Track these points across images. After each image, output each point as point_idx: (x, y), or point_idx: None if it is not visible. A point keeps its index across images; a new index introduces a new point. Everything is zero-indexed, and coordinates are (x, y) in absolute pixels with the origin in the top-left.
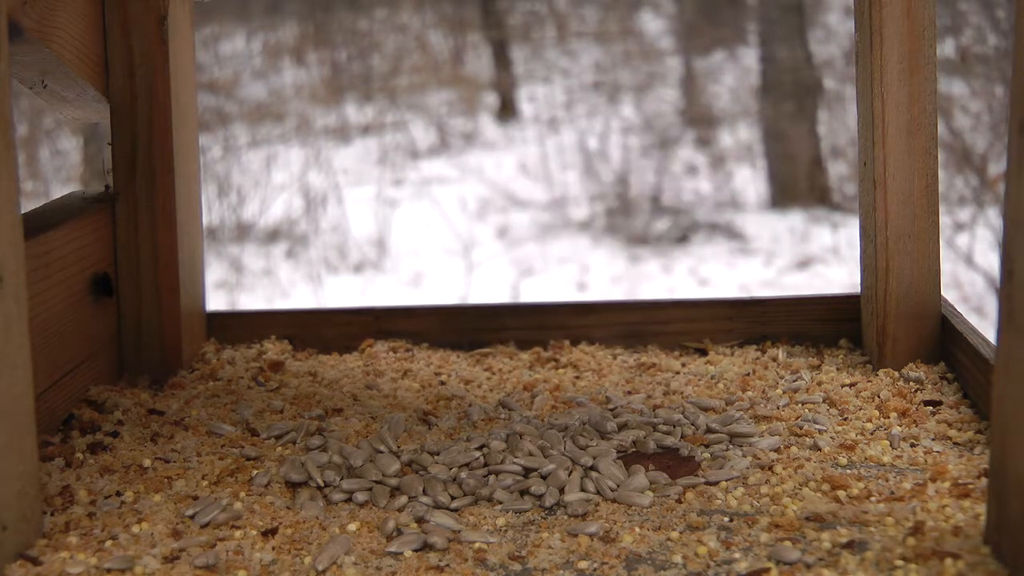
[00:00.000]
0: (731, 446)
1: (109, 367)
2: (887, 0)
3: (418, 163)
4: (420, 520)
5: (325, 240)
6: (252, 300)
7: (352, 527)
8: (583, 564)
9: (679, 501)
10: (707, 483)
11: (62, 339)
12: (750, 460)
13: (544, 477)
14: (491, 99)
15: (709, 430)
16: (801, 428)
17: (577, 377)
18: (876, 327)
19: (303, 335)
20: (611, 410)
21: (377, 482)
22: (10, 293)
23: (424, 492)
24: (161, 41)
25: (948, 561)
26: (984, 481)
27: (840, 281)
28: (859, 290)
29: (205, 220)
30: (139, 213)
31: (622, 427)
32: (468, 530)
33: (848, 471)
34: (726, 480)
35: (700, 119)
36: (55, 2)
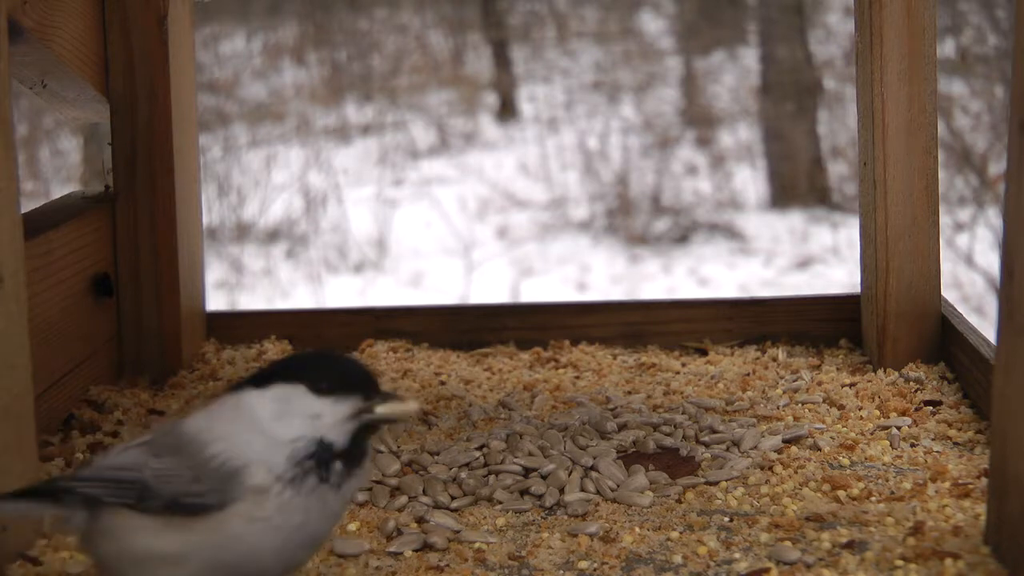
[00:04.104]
0: (731, 446)
1: (109, 367)
2: (887, 0)
3: (418, 163)
4: (420, 520)
5: (325, 240)
6: (252, 300)
7: (352, 527)
8: (583, 564)
9: (679, 501)
10: (707, 483)
11: (62, 339)
12: (750, 460)
13: (544, 477)
14: (491, 99)
15: (710, 430)
16: (801, 428)
17: (577, 377)
18: (876, 327)
19: (303, 335)
20: (611, 410)
21: (377, 482)
22: (10, 293)
23: (424, 492)
24: (161, 41)
25: (948, 561)
26: (984, 481)
27: (840, 281)
28: (859, 290)
29: (205, 220)
30: (139, 213)
31: (622, 427)
32: (468, 530)
33: (848, 471)
34: (726, 480)
35: (700, 119)
36: (55, 2)
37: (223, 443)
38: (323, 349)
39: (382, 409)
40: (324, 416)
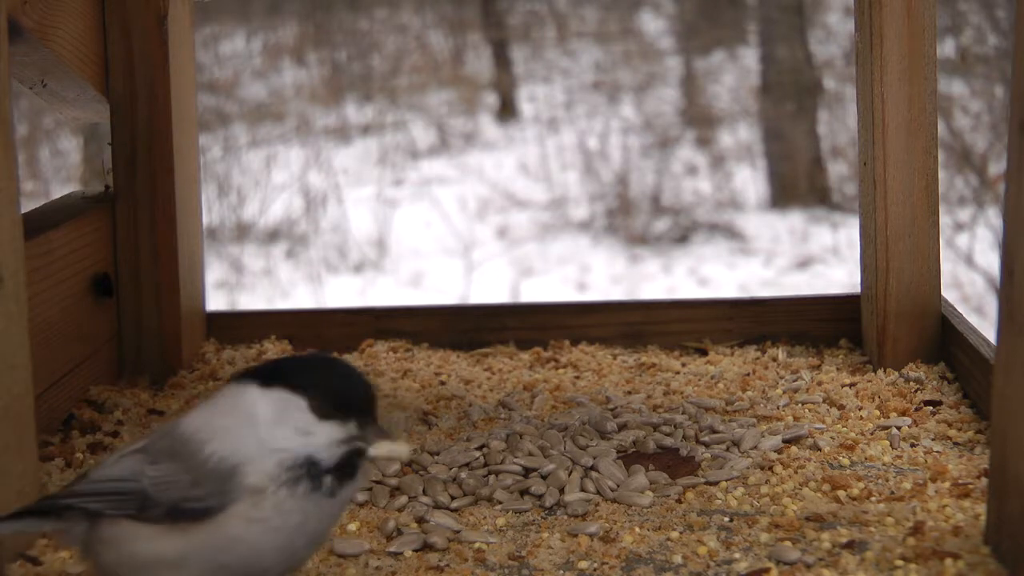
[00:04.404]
0: (731, 446)
1: (109, 367)
2: (887, 0)
3: (418, 163)
4: (420, 520)
5: (325, 240)
6: (252, 300)
7: (352, 527)
8: (583, 564)
9: (679, 501)
10: (707, 483)
11: (62, 339)
12: (750, 460)
13: (544, 477)
14: (491, 99)
15: (710, 430)
16: (801, 428)
17: (577, 377)
18: (876, 327)
19: (303, 335)
20: (611, 410)
21: (377, 482)
22: (10, 293)
23: (424, 492)
24: (161, 41)
25: (948, 561)
26: (984, 481)
27: (840, 281)
28: (859, 290)
29: (205, 220)
30: (139, 213)
31: (622, 427)
32: (468, 530)
33: (848, 471)
34: (726, 480)
35: (700, 119)
36: (55, 2)
37: (220, 440)
38: (330, 356)
39: (375, 451)
40: (316, 436)
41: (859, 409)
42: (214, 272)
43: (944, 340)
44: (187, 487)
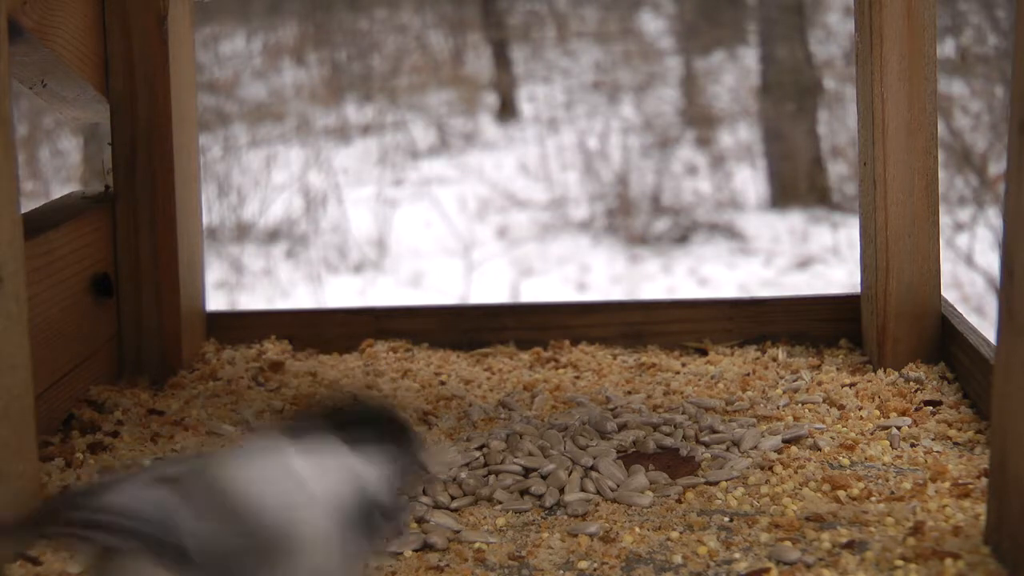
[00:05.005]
0: (731, 446)
1: (109, 367)
2: (887, 0)
3: (418, 163)
4: (420, 520)
5: (325, 240)
6: (252, 300)
7: None
8: (583, 564)
9: (679, 501)
10: (707, 483)
11: (62, 339)
12: (750, 460)
13: (544, 477)
14: (491, 99)
15: (710, 430)
16: (801, 428)
17: (577, 377)
18: (876, 327)
19: (303, 335)
20: (611, 410)
21: None
22: (10, 293)
23: (424, 492)
24: (161, 41)
25: (948, 561)
26: (984, 481)
27: (840, 281)
28: (859, 290)
29: (205, 220)
30: (139, 213)
31: (622, 427)
32: (468, 530)
33: (848, 471)
34: (726, 480)
35: (700, 119)
36: (55, 2)
37: (290, 500)
38: (367, 398)
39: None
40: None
41: (859, 409)
42: (214, 272)
43: (944, 340)
44: (237, 543)
